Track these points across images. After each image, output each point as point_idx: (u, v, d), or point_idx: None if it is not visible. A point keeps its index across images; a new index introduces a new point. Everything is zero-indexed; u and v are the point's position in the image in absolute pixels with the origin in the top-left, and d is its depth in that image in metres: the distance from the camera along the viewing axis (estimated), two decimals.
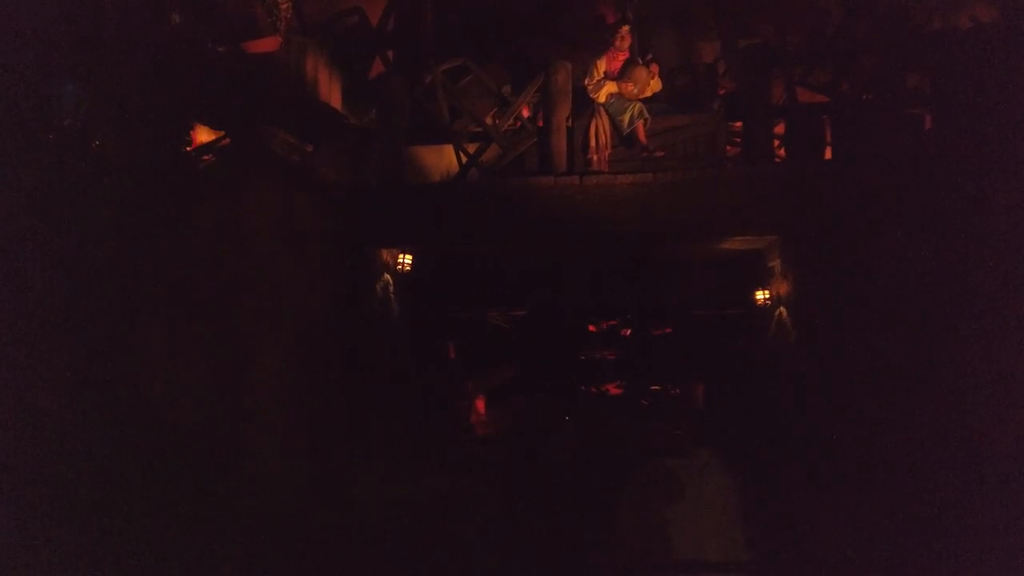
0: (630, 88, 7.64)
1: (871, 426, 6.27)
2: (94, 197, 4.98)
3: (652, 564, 6.21)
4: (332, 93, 7.89)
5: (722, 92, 8.67)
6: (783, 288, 7.80)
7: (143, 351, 5.14)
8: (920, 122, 7.36)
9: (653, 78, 7.73)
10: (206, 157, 6.16)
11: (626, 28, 7.84)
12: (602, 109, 7.70)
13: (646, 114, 7.65)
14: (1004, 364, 5.74)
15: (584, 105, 7.79)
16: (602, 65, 7.80)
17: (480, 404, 10.18)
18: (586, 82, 7.78)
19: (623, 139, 7.72)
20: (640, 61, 7.79)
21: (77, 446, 4.57)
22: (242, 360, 5.81)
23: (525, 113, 8.43)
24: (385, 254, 8.09)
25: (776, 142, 8.05)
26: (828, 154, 7.78)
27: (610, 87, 7.70)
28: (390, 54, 8.78)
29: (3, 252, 4.45)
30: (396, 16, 8.71)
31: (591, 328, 11.02)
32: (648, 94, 7.76)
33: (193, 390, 5.37)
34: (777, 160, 7.93)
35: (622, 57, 7.82)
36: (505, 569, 5.91)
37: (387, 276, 8.09)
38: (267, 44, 6.76)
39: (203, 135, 6.48)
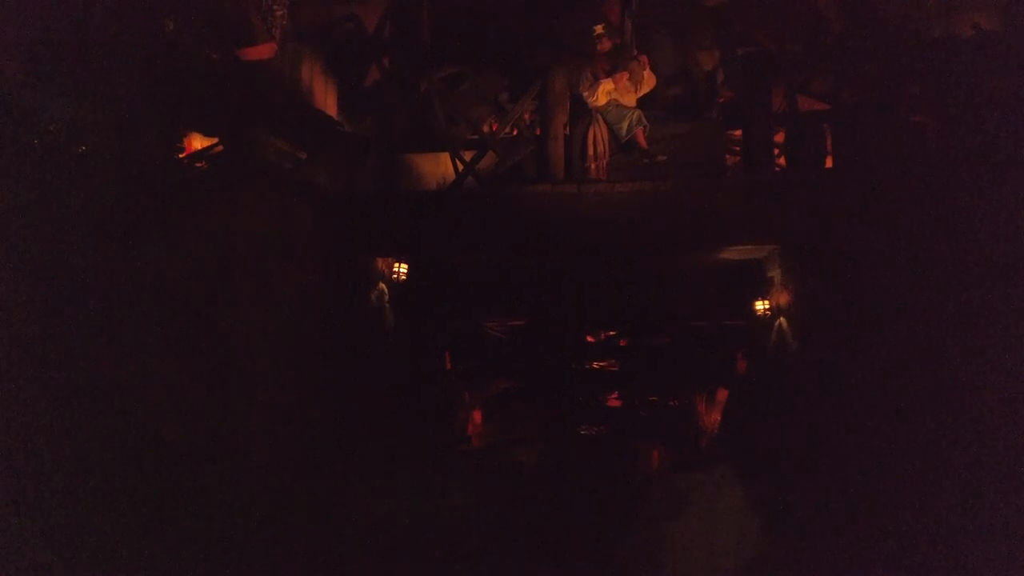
0: (625, 80, 7.61)
1: (874, 434, 6.20)
2: (84, 203, 4.93)
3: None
4: (327, 100, 7.85)
5: (721, 100, 8.63)
6: (783, 298, 7.72)
7: (132, 359, 5.06)
8: (921, 129, 7.31)
9: (645, 70, 7.71)
10: (199, 164, 6.11)
11: (600, 26, 7.87)
12: (600, 116, 7.64)
13: (644, 121, 7.60)
14: (1007, 369, 5.67)
15: (582, 112, 7.74)
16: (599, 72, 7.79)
17: (477, 415, 10.08)
18: (582, 88, 7.73)
19: (621, 146, 7.66)
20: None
21: (68, 452, 4.54)
22: (233, 369, 5.70)
23: (524, 119, 8.37)
24: (380, 262, 8.01)
25: (776, 150, 8.00)
26: (829, 162, 7.73)
27: (606, 85, 7.65)
28: (386, 61, 8.74)
29: None
30: (392, 23, 8.67)
31: (589, 338, 10.92)
32: (645, 91, 7.75)
33: (181, 399, 5.29)
34: (777, 168, 7.88)
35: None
36: None
37: (382, 285, 8.01)
38: (262, 51, 6.73)
39: (196, 142, 6.43)
